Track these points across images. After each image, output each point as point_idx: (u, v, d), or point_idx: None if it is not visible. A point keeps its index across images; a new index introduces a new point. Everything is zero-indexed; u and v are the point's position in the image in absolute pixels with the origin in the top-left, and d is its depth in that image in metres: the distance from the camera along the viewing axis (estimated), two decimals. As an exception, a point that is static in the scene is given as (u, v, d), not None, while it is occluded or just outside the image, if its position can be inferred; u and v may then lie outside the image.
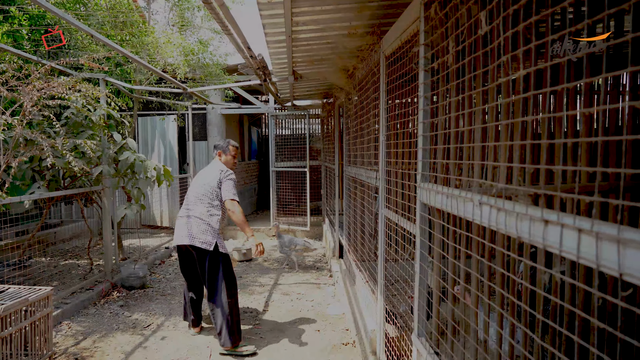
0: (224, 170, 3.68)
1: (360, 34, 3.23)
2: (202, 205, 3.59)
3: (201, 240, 3.49)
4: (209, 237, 3.50)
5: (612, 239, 0.78)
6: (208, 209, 3.59)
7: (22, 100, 3.54)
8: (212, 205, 3.60)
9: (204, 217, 3.55)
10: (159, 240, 7.62)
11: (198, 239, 3.49)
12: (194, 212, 3.59)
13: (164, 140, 8.31)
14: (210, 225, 3.54)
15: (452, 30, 1.63)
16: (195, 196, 3.66)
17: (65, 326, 4.02)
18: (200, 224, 3.53)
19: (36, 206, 5.74)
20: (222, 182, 3.61)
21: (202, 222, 3.54)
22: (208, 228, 3.53)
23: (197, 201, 3.63)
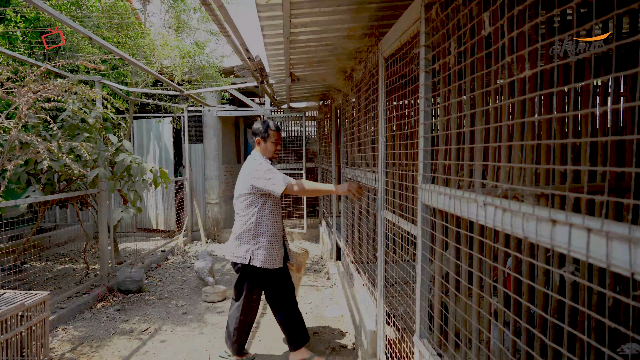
0: (254, 168, 3.10)
1: (359, 36, 3.23)
2: (239, 219, 3.19)
3: (235, 255, 3.14)
4: (244, 250, 3.11)
5: (624, 239, 0.78)
6: (244, 221, 3.15)
7: (17, 102, 3.51)
8: (248, 215, 3.13)
9: (236, 230, 3.19)
10: (154, 244, 7.58)
11: (231, 254, 3.17)
12: (235, 222, 3.25)
13: (160, 142, 8.27)
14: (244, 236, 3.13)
15: (454, 32, 1.63)
16: (234, 206, 3.27)
17: (61, 331, 3.98)
18: (235, 239, 3.18)
19: (30, 210, 5.69)
20: (257, 181, 3.04)
21: (235, 236, 3.18)
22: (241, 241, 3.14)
23: (235, 212, 3.26)
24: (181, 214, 8.27)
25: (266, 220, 3.12)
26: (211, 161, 8.45)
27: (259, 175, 3.03)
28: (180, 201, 8.27)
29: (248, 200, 3.11)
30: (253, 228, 3.09)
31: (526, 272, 1.80)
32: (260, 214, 3.12)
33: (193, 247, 7.90)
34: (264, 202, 3.13)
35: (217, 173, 8.47)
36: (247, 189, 3.08)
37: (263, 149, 3.26)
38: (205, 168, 8.50)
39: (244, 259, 3.07)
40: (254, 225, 3.09)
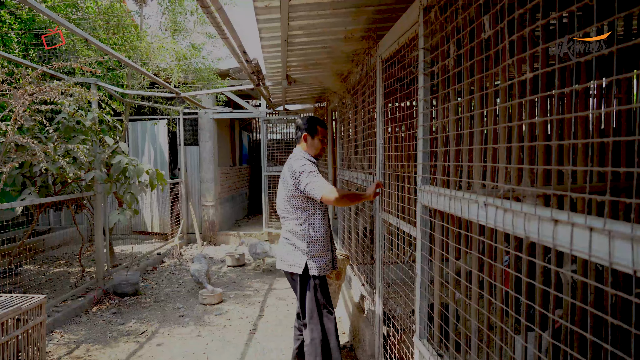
0: (297, 169, 2.78)
1: (356, 38, 3.25)
2: (288, 222, 2.90)
3: (289, 263, 2.85)
4: (297, 257, 2.82)
5: (626, 237, 0.80)
6: (293, 224, 2.87)
7: (13, 105, 3.49)
8: (299, 220, 2.85)
9: (288, 237, 2.89)
10: (150, 247, 7.54)
11: (285, 262, 2.87)
12: (282, 231, 2.97)
13: (155, 145, 8.24)
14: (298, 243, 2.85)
15: (453, 35, 1.65)
16: (280, 210, 2.97)
17: (57, 335, 3.95)
18: (287, 245, 2.89)
19: (24, 213, 5.64)
20: (300, 183, 2.76)
21: (287, 241, 2.90)
22: (295, 248, 2.85)
23: (281, 216, 2.97)
24: (177, 216, 8.24)
25: (319, 225, 2.86)
26: (207, 163, 8.43)
27: (302, 179, 2.73)
28: (175, 204, 8.24)
29: (295, 202, 2.82)
30: (307, 234, 2.81)
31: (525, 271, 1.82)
32: (313, 219, 2.85)
33: (189, 250, 7.87)
34: (314, 205, 2.87)
35: (213, 175, 8.46)
36: (292, 190, 2.81)
37: (310, 145, 2.97)
38: (200, 170, 8.48)
39: (299, 268, 2.79)
40: (307, 232, 2.82)
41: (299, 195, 2.79)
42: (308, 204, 2.83)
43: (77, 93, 3.81)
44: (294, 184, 2.77)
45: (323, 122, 3.08)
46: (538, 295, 1.41)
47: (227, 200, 9.37)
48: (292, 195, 2.81)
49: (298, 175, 2.75)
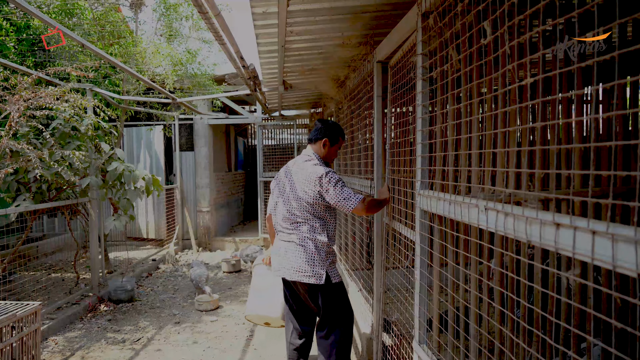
0: (320, 174, 2.56)
1: (354, 44, 3.26)
2: (301, 227, 2.65)
3: (307, 274, 2.59)
4: (317, 267, 2.59)
5: (629, 240, 0.80)
6: (312, 230, 2.63)
7: (8, 110, 3.47)
8: (317, 228, 2.63)
9: (305, 244, 2.62)
10: (145, 253, 7.49)
11: (302, 273, 2.59)
12: (293, 237, 2.66)
13: (150, 150, 8.22)
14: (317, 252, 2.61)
15: (451, 40, 1.66)
16: (290, 214, 2.68)
17: (51, 342, 3.91)
18: (303, 253, 2.61)
19: (18, 219, 5.59)
20: (327, 193, 2.55)
21: (303, 249, 2.61)
22: (314, 257, 2.60)
23: (292, 221, 2.68)
24: (172, 222, 8.19)
25: (332, 232, 2.72)
26: (202, 169, 8.41)
27: (330, 189, 2.53)
28: (171, 209, 8.20)
29: (314, 210, 2.61)
30: (325, 243, 2.63)
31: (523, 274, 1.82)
32: (330, 227, 2.70)
33: (184, 256, 7.83)
34: (331, 213, 2.72)
35: (208, 181, 8.43)
36: (313, 197, 2.58)
37: (327, 152, 2.79)
38: (196, 176, 8.45)
39: (320, 278, 2.57)
40: (325, 240, 2.64)
41: (321, 204, 2.60)
42: (326, 212, 2.67)
43: (73, 99, 3.79)
44: (319, 192, 2.56)
45: (344, 133, 2.96)
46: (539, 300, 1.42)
47: (222, 206, 9.34)
48: (312, 202, 2.59)
49: (326, 184, 2.54)
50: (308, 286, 2.63)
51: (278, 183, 2.83)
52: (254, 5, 2.52)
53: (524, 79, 1.10)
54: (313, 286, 2.61)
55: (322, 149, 2.79)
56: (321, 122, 2.87)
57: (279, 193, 2.79)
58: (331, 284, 2.62)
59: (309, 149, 2.82)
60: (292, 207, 2.66)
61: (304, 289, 2.67)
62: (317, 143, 2.80)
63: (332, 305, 2.66)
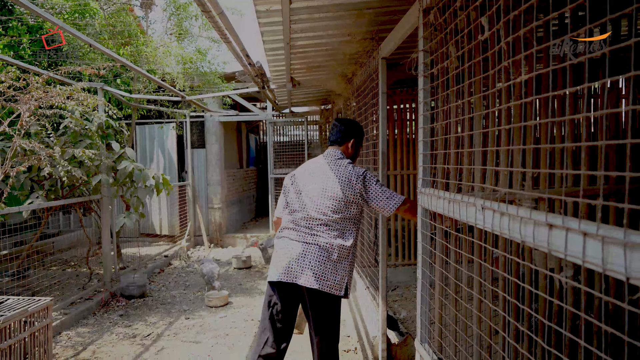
0: (360, 174, 2.39)
1: (359, 41, 3.24)
2: (331, 230, 2.37)
3: (329, 284, 2.31)
4: (339, 277, 2.34)
5: (619, 243, 0.78)
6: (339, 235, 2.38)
7: (20, 110, 3.54)
8: (345, 234, 2.39)
9: (333, 249, 2.34)
10: (158, 249, 7.59)
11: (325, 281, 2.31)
12: (317, 239, 2.37)
13: (163, 148, 8.31)
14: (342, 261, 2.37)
15: (452, 36, 1.64)
16: (318, 213, 2.40)
17: (64, 336, 3.99)
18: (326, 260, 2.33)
19: (34, 216, 5.71)
20: (369, 193, 2.37)
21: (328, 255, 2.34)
22: (338, 265, 2.35)
23: (320, 222, 2.39)
24: (184, 219, 8.28)
25: (357, 240, 2.51)
26: (213, 166, 8.47)
27: (372, 187, 2.37)
28: (183, 206, 8.29)
29: (350, 211, 2.39)
30: (352, 251, 2.42)
31: (527, 278, 1.79)
32: (356, 234, 2.47)
33: (196, 252, 7.91)
34: (361, 219, 2.54)
35: (220, 178, 8.49)
36: (351, 196, 2.36)
37: (352, 152, 2.63)
38: (207, 173, 8.52)
39: (340, 290, 2.34)
40: (353, 247, 2.43)
41: (359, 204, 2.40)
42: (358, 216, 2.48)
43: (82, 98, 3.85)
44: (360, 191, 2.36)
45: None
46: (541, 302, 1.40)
47: (234, 203, 9.40)
48: (350, 201, 2.36)
49: (368, 182, 2.37)
50: (321, 295, 2.34)
51: (296, 181, 2.58)
52: (257, 3, 2.52)
53: (517, 76, 1.08)
54: (328, 296, 2.34)
55: (350, 150, 2.61)
56: (342, 121, 2.67)
57: (298, 192, 2.52)
58: (342, 297, 2.39)
59: (335, 151, 2.58)
60: (321, 207, 2.39)
61: (313, 297, 2.37)
62: (344, 145, 2.60)
63: (333, 316, 2.43)
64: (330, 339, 2.44)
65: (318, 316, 2.41)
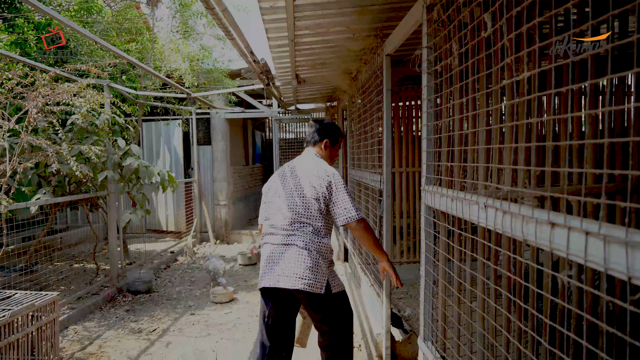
0: (330, 173, 2.42)
1: (363, 37, 3.23)
2: (306, 228, 2.37)
3: (309, 282, 2.29)
4: (319, 275, 2.32)
5: (620, 242, 0.77)
6: (315, 233, 2.38)
7: (27, 107, 3.57)
8: (320, 227, 2.39)
9: (309, 247, 2.34)
10: (164, 245, 7.64)
11: (304, 280, 2.28)
12: (294, 239, 2.36)
13: (169, 145, 8.34)
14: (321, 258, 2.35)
15: (455, 33, 1.63)
16: (292, 213, 2.40)
17: (71, 331, 4.04)
18: (306, 258, 2.31)
19: (42, 211, 5.78)
20: (332, 195, 2.38)
21: (307, 253, 2.32)
22: (318, 262, 2.33)
23: (295, 221, 2.38)
24: (190, 215, 8.33)
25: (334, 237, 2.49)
26: (219, 163, 8.50)
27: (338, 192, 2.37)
28: (189, 203, 8.33)
29: (320, 208, 2.38)
30: (329, 248, 2.41)
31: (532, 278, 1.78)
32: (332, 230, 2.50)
33: (202, 249, 7.95)
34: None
35: (225, 175, 8.52)
36: (321, 194, 2.38)
37: (328, 154, 2.66)
38: (213, 170, 8.55)
39: (321, 288, 2.31)
40: (328, 244, 2.43)
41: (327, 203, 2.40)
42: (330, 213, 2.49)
43: (89, 95, 3.87)
44: (327, 192, 2.37)
45: (342, 133, 2.84)
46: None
47: (239, 200, 9.43)
48: (320, 199, 2.37)
49: (335, 185, 2.38)
50: (307, 295, 2.32)
51: (275, 183, 2.59)
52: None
53: (520, 73, 1.07)
54: (314, 296, 2.32)
55: (324, 151, 2.64)
56: (317, 122, 2.72)
57: (277, 193, 2.53)
58: (331, 294, 2.36)
59: (310, 151, 2.65)
60: (297, 205, 2.40)
61: (303, 299, 2.36)
62: (317, 145, 2.65)
63: (333, 316, 2.42)
64: (335, 338, 2.43)
65: (313, 316, 2.44)
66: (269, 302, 2.41)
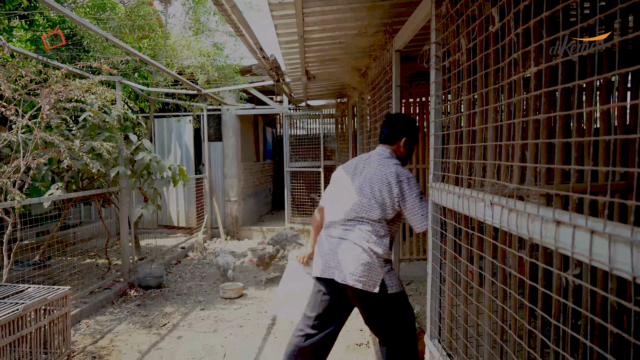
0: (404, 176, 2.31)
1: (372, 33, 3.21)
2: (364, 226, 2.32)
3: (363, 280, 2.24)
4: (373, 273, 2.25)
5: (626, 241, 0.75)
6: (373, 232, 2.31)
7: (40, 103, 3.62)
8: (381, 227, 2.32)
9: (364, 244, 2.28)
10: (175, 241, 7.71)
11: (355, 276, 2.25)
12: (352, 235, 2.33)
13: (180, 141, 8.41)
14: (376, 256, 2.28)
15: (464, 28, 1.60)
16: (354, 209, 2.36)
17: (84, 325, 4.10)
18: (360, 254, 2.27)
19: (55, 207, 5.87)
20: (404, 201, 2.27)
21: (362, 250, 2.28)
22: (372, 260, 2.26)
23: (354, 218, 2.35)
24: (201, 211, 8.39)
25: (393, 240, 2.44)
26: (230, 159, 8.54)
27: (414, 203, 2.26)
28: (200, 199, 8.39)
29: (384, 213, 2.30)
30: (388, 247, 2.34)
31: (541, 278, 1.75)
32: (393, 234, 2.41)
33: (212, 244, 8.01)
34: (399, 220, 2.44)
35: (236, 171, 8.56)
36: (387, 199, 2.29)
37: (404, 152, 2.47)
38: (224, 166, 8.60)
39: (375, 286, 2.24)
40: (388, 244, 2.35)
41: (395, 208, 2.30)
42: (397, 219, 2.41)
43: (100, 91, 3.92)
44: (397, 197, 2.27)
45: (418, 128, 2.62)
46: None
47: (250, 196, 9.47)
48: (387, 204, 2.29)
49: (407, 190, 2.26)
50: (360, 292, 2.26)
51: (342, 176, 2.53)
52: (269, -5, 2.51)
53: (527, 69, 1.05)
54: (366, 294, 2.25)
55: (402, 149, 2.45)
56: (392, 118, 2.51)
57: (341, 188, 2.48)
58: (387, 295, 2.26)
59: (384, 148, 2.47)
60: (361, 203, 2.34)
61: (355, 295, 2.30)
62: (394, 143, 2.45)
63: (387, 318, 2.32)
64: (392, 338, 2.35)
65: (365, 314, 2.37)
66: (325, 286, 2.42)
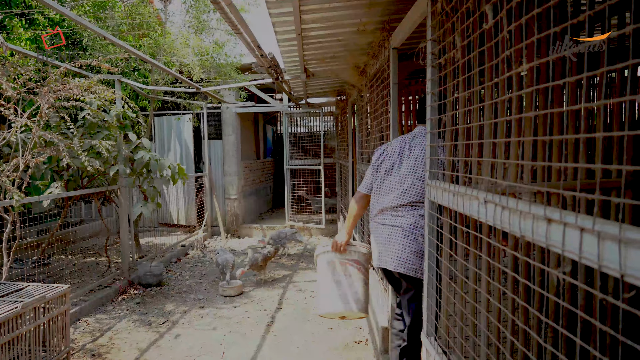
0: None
1: (371, 31, 3.20)
2: (417, 211, 2.26)
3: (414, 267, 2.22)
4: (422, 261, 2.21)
5: (614, 239, 0.75)
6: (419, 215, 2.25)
7: (39, 102, 3.62)
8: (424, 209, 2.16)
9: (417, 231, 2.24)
10: (175, 239, 7.73)
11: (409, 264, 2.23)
12: (403, 221, 2.27)
13: (180, 139, 8.41)
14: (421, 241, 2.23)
15: (459, 25, 1.60)
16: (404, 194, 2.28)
17: (83, 323, 4.12)
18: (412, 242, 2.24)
19: (56, 205, 5.88)
20: None
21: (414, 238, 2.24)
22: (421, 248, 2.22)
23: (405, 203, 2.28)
24: (201, 209, 8.40)
25: None
26: (230, 157, 8.54)
27: None
28: (200, 197, 8.40)
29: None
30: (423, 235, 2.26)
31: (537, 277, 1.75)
32: None
33: (212, 242, 8.02)
34: None
35: (236, 169, 8.57)
36: None
37: None
38: (224, 164, 8.60)
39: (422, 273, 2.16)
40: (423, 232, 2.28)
41: None
42: None
43: (99, 90, 3.92)
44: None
45: None
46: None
47: (250, 194, 9.48)
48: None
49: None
50: (411, 280, 2.24)
51: (386, 160, 2.43)
52: (266, -7, 2.50)
53: (518, 66, 1.04)
54: (414, 280, 2.23)
55: None
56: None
57: (387, 173, 2.38)
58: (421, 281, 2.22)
59: (423, 128, 2.37)
60: (408, 189, 2.26)
61: (408, 281, 2.28)
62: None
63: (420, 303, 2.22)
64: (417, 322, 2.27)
65: (406, 299, 2.32)
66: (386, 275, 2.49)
